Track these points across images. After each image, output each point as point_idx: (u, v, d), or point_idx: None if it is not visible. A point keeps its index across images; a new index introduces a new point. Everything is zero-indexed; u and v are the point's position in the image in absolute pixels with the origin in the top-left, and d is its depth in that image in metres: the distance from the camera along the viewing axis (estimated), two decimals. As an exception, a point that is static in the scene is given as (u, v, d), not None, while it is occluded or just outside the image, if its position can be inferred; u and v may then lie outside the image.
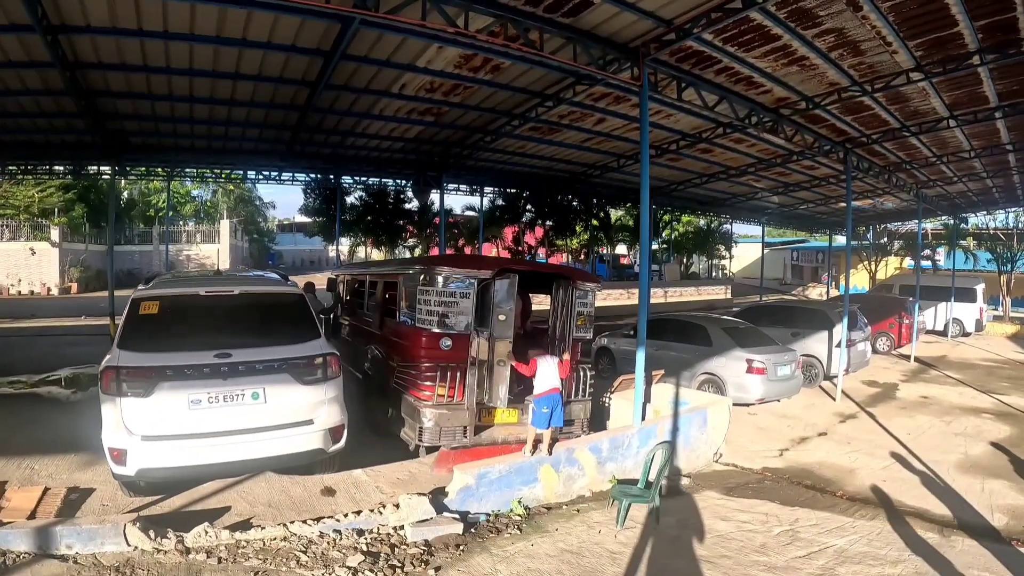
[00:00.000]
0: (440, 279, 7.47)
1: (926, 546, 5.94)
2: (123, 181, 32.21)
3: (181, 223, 44.12)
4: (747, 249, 53.48)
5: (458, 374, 7.42)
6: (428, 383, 7.39)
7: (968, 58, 10.23)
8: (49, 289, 31.31)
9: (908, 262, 38.54)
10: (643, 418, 8.06)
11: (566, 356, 7.78)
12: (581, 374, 8.27)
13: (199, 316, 6.45)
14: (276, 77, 12.09)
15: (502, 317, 7.71)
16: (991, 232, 32.17)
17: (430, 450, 7.64)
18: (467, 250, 32.61)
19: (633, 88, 10.99)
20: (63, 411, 9.83)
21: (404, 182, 24.18)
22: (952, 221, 29.10)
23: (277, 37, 10.30)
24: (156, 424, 5.60)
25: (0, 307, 21.60)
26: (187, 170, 22.46)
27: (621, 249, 49.74)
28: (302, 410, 6.11)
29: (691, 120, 15.02)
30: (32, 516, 5.63)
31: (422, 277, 7.66)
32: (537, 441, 6.95)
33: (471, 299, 7.54)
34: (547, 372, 6.97)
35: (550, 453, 6.92)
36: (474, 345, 7.55)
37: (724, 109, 12.20)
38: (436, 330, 7.50)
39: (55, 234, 32.45)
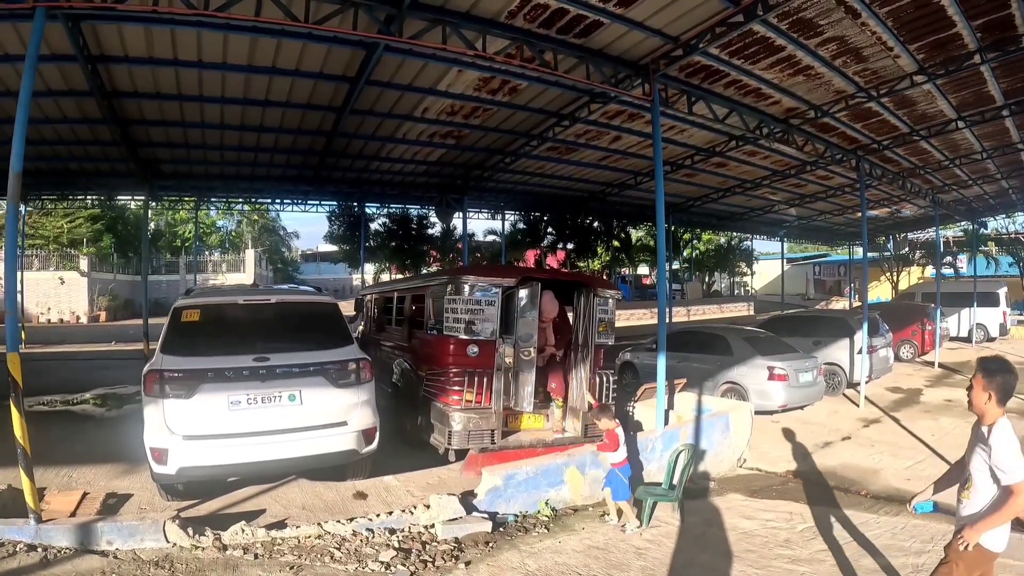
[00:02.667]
0: (466, 288, 7.73)
1: (950, 538, 5.96)
2: (150, 212, 33.05)
3: (207, 253, 45.00)
4: (769, 266, 53.18)
5: (485, 379, 7.68)
6: (456, 388, 7.65)
7: (969, 58, 10.36)
8: (78, 318, 31.99)
9: (930, 271, 38.23)
10: (666, 423, 8.18)
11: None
12: (603, 379, 8.43)
13: (238, 323, 6.75)
14: (304, 103, 12.47)
15: (525, 324, 7.93)
16: (1012, 236, 31.90)
17: (459, 454, 7.84)
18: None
19: (645, 104, 11.25)
20: (98, 427, 10.11)
21: (427, 208, 24.63)
22: (971, 226, 28.89)
23: (305, 65, 10.68)
24: (197, 424, 5.83)
25: (31, 334, 22.02)
26: (216, 197, 22.96)
27: (643, 270, 49.75)
28: (336, 412, 6.34)
29: (704, 134, 15.25)
30: (72, 517, 5.79)
31: (449, 287, 7.93)
32: (620, 511, 6.46)
33: (496, 306, 7.78)
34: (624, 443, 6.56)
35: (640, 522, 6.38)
36: (500, 351, 7.78)
37: (735, 122, 12.39)
38: (463, 336, 7.73)
39: (84, 264, 33.21)
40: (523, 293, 7.94)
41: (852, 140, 15.06)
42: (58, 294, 32.08)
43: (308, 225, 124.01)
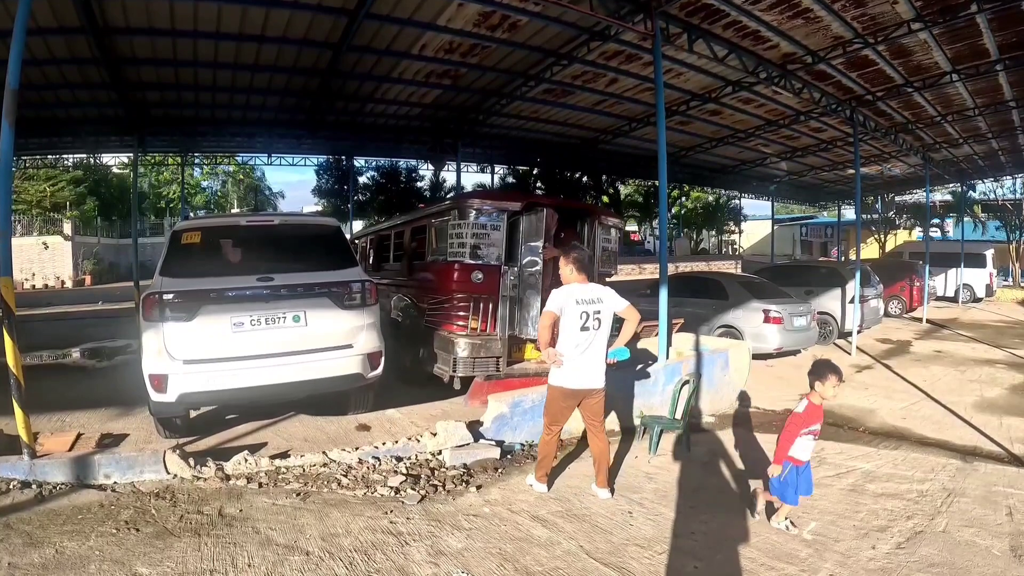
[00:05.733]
0: (472, 212, 7.58)
1: (950, 469, 6.05)
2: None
3: (192, 214, 44.45)
4: (756, 226, 53.40)
5: (490, 306, 7.59)
6: (461, 315, 7.57)
7: (966, 7, 10.30)
8: (63, 282, 31.55)
9: (917, 234, 38.46)
10: (667, 357, 8.15)
11: None
12: None
13: (241, 244, 6.54)
14: (300, 39, 12.19)
15: (530, 251, 7.83)
16: (999, 203, 32.10)
17: (463, 383, 7.75)
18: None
19: (644, 45, 11.08)
20: (89, 377, 9.98)
21: (417, 161, 24.60)
22: (960, 188, 29.04)
23: (305, -5, 10.36)
24: (199, 348, 5.64)
25: (17, 299, 21.66)
26: (205, 143, 22.41)
27: (631, 227, 49.77)
28: (341, 334, 6.18)
29: (700, 79, 15.14)
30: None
31: (453, 212, 7.76)
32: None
33: (501, 232, 7.65)
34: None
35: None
36: (504, 278, 7.68)
37: (734, 63, 12.31)
38: (468, 262, 7.60)
39: (67, 228, 32.76)
40: (528, 220, 7.81)
41: (847, 90, 14.99)
42: (42, 259, 31.56)
43: (294, 189, 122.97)
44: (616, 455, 6.27)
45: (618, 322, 5.16)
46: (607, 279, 8.72)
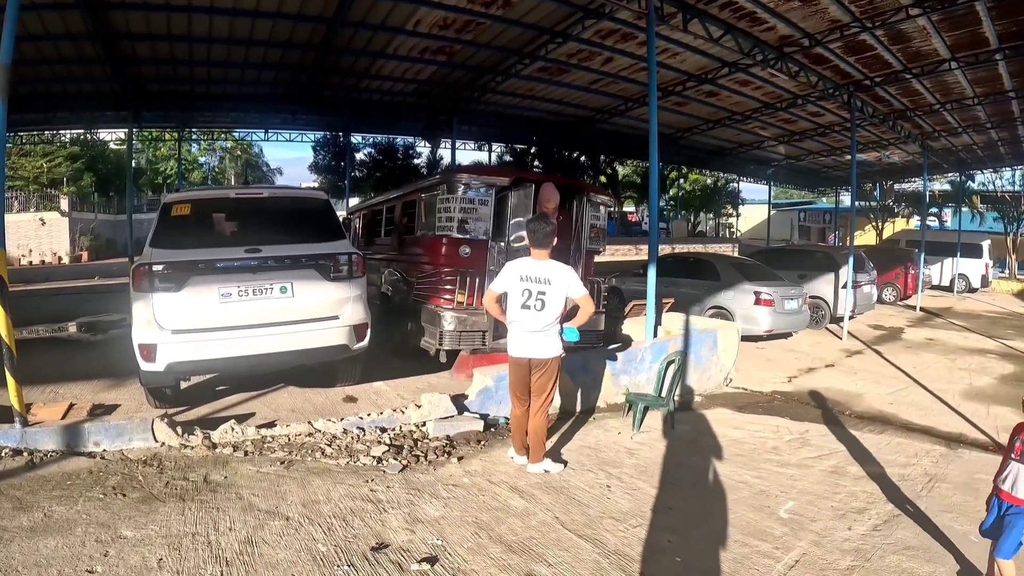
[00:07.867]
0: (460, 187, 7.59)
1: (934, 455, 6.08)
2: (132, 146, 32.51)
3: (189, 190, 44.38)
4: (754, 210, 53.24)
5: (477, 280, 7.60)
6: (448, 288, 7.59)
7: (965, -8, 10.21)
8: (60, 258, 31.36)
9: (915, 222, 38.37)
10: (655, 335, 8.19)
11: None
12: (595, 287, 8.35)
13: (230, 217, 6.58)
14: (294, 14, 12.14)
15: (518, 226, 7.81)
16: (998, 194, 32.02)
17: (450, 356, 7.81)
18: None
19: (639, 24, 10.98)
20: (84, 350, 10.00)
21: (413, 137, 24.59)
22: (959, 178, 28.98)
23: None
24: (187, 318, 5.68)
25: (14, 275, 21.60)
26: (201, 119, 22.31)
27: (628, 208, 49.69)
28: (328, 305, 6.22)
29: (697, 59, 15.11)
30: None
31: (442, 187, 7.77)
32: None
33: (489, 207, 7.68)
34: None
35: None
36: (492, 253, 7.72)
37: (730, 44, 12.25)
38: (456, 236, 7.63)
39: (64, 204, 32.49)
40: (516, 195, 7.82)
41: (845, 75, 14.95)
42: (39, 236, 31.30)
43: (291, 166, 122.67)
44: (599, 431, 6.34)
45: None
46: (595, 256, 8.77)
